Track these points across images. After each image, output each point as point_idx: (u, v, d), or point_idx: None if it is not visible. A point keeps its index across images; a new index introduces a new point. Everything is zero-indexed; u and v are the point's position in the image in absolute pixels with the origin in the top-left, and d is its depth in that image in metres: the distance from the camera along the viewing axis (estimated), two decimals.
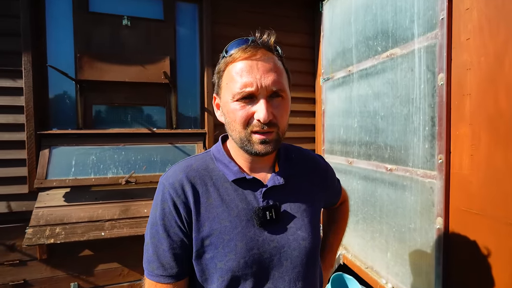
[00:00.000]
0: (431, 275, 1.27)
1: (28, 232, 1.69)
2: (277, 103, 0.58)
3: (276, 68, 0.58)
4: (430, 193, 1.27)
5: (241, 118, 0.57)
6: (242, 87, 0.55)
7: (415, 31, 1.32)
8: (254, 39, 0.58)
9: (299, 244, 0.62)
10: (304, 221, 0.64)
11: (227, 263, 0.57)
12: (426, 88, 1.27)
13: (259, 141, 0.57)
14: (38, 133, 1.86)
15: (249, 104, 0.57)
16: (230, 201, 0.61)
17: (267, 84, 0.55)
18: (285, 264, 0.60)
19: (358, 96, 1.82)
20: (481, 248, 1.07)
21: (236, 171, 0.63)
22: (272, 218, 0.60)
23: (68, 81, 1.99)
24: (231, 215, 0.60)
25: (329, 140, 2.23)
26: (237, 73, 0.56)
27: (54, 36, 1.98)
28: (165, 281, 0.58)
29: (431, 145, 1.26)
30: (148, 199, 1.99)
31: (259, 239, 0.59)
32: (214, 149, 0.69)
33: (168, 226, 0.58)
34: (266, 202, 0.62)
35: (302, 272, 0.62)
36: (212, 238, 0.58)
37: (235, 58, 0.57)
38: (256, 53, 0.56)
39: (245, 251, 0.57)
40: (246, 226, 0.59)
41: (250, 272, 0.57)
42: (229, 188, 0.62)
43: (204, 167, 0.64)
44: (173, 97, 2.20)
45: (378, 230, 1.65)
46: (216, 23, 2.22)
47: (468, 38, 1.08)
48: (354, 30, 1.84)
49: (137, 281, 2.05)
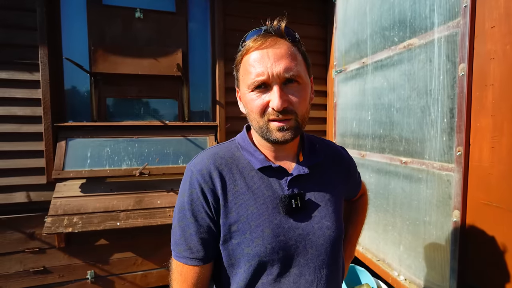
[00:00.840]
0: (445, 268, 1.26)
1: (47, 221, 1.75)
2: (293, 89, 0.57)
3: (288, 54, 0.57)
4: (447, 186, 1.25)
5: (257, 107, 0.58)
6: (255, 77, 0.56)
7: (435, 20, 1.29)
8: (266, 28, 0.58)
9: (324, 233, 0.62)
10: (329, 210, 0.65)
11: (255, 248, 0.58)
12: (446, 79, 1.24)
13: (277, 129, 0.58)
14: (55, 125, 1.90)
15: (264, 93, 0.57)
16: (257, 188, 0.62)
17: (279, 72, 0.55)
18: (310, 251, 0.61)
19: (372, 88, 1.80)
20: (500, 242, 1.05)
21: (262, 159, 0.64)
22: (297, 206, 0.60)
23: (83, 74, 2.02)
24: (257, 202, 0.60)
25: (341, 133, 2.21)
26: (250, 64, 0.57)
27: (69, 30, 2.00)
28: (191, 263, 0.60)
29: (449, 137, 1.24)
30: (161, 190, 2.02)
31: (285, 226, 0.60)
32: (239, 137, 0.69)
33: (195, 211, 0.60)
34: (292, 190, 0.63)
35: (326, 260, 0.62)
36: (239, 224, 0.59)
37: (248, 50, 0.58)
38: (266, 41, 0.56)
39: (272, 237, 0.58)
40: (272, 213, 0.60)
41: (276, 257, 0.59)
42: (255, 176, 0.63)
43: (230, 155, 0.65)
44: (185, 90, 2.22)
45: (391, 223, 1.64)
46: (228, 16, 2.21)
47: (493, 26, 1.05)
48: (369, 20, 1.80)
49: (151, 270, 2.11)
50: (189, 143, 2.15)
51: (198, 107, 2.30)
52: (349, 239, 0.91)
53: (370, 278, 1.75)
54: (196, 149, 2.14)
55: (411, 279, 1.48)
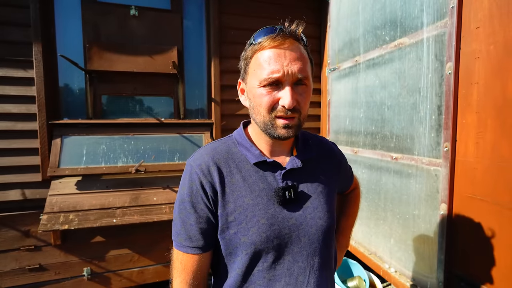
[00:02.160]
0: (433, 259, 1.32)
1: (43, 219, 1.76)
2: (301, 90, 0.61)
3: (302, 57, 0.61)
4: (435, 180, 1.30)
5: (266, 103, 0.60)
6: (270, 74, 0.58)
7: (424, 20, 1.33)
8: (282, 28, 0.61)
9: (316, 223, 0.66)
10: (321, 202, 0.68)
11: (251, 237, 0.61)
12: (434, 78, 1.29)
13: (282, 126, 0.61)
14: (49, 122, 1.90)
15: (275, 91, 0.60)
16: (252, 181, 0.65)
17: (293, 71, 0.58)
18: (303, 240, 0.65)
19: (364, 86, 1.84)
20: (484, 233, 1.11)
21: (257, 154, 0.67)
22: (291, 198, 0.64)
23: (78, 72, 2.01)
24: (253, 194, 0.64)
25: (334, 130, 2.25)
26: (265, 60, 0.59)
27: (63, 27, 1.99)
28: (191, 251, 0.63)
29: (437, 134, 1.29)
30: (157, 187, 2.04)
31: (279, 216, 0.64)
32: (236, 134, 0.73)
33: (195, 202, 0.63)
34: (285, 183, 0.66)
35: (318, 248, 0.66)
36: (236, 214, 0.63)
37: (263, 46, 0.60)
38: (284, 42, 0.59)
39: (266, 226, 0.62)
40: (267, 205, 0.64)
41: (271, 245, 0.62)
42: (251, 170, 0.67)
43: (227, 150, 0.69)
44: (180, 88, 2.23)
45: (382, 217, 1.69)
46: (223, 13, 2.22)
47: (478, 26, 1.09)
48: (362, 19, 1.84)
49: (147, 266, 2.13)
50: (185, 141, 2.16)
51: (194, 104, 2.31)
52: (342, 230, 0.95)
53: (362, 271, 1.80)
54: (192, 146, 2.16)
55: (401, 271, 1.53)
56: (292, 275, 0.64)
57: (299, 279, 0.64)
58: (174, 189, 2.05)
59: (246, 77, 0.66)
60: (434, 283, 1.31)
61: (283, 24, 0.62)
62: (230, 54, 2.26)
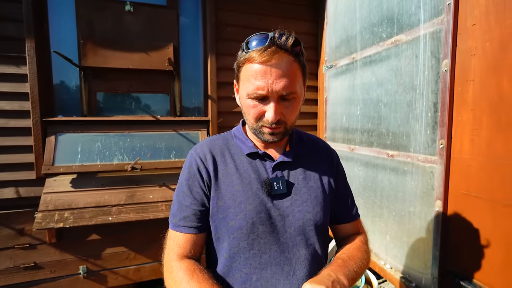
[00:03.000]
0: (428, 256, 1.33)
1: (38, 217, 1.74)
2: (287, 103, 0.64)
3: (289, 73, 0.61)
4: (430, 177, 1.31)
5: (253, 114, 0.65)
6: (255, 89, 0.61)
7: (421, 17, 1.33)
8: (273, 38, 0.60)
9: (304, 216, 0.68)
10: (310, 196, 0.70)
11: (237, 222, 0.65)
12: (430, 75, 1.29)
13: (268, 133, 0.66)
14: (43, 119, 1.87)
15: (261, 103, 0.64)
16: (244, 171, 0.70)
17: (278, 89, 0.60)
18: (289, 231, 0.67)
19: (361, 83, 1.84)
20: (478, 229, 1.11)
21: (251, 146, 0.73)
22: (279, 189, 0.67)
23: (72, 68, 1.99)
24: (243, 182, 0.68)
25: (331, 127, 2.25)
26: (252, 75, 0.62)
27: (57, 22, 1.96)
28: (185, 231, 0.67)
29: (433, 131, 1.29)
30: (153, 185, 2.03)
31: (267, 205, 0.67)
32: (235, 129, 0.80)
33: (191, 186, 0.69)
34: (275, 174, 0.70)
35: (304, 240, 0.67)
36: (226, 199, 0.67)
37: (253, 59, 0.61)
38: (272, 58, 0.59)
39: (253, 214, 0.65)
40: (256, 193, 0.67)
41: (257, 232, 0.65)
42: (244, 160, 0.72)
43: (225, 142, 0.75)
44: (176, 85, 2.21)
45: (378, 214, 1.70)
46: (219, 10, 2.20)
47: (474, 23, 1.09)
48: (359, 16, 1.83)
49: (144, 264, 2.12)
50: (181, 138, 2.15)
51: (190, 101, 2.30)
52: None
53: None
54: (188, 143, 2.15)
55: (397, 267, 1.55)
56: (279, 265, 0.65)
57: (285, 269, 0.66)
58: (170, 186, 2.04)
59: (238, 82, 0.70)
60: (428, 279, 1.32)
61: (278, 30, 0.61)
62: (227, 51, 2.24)
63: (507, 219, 1.01)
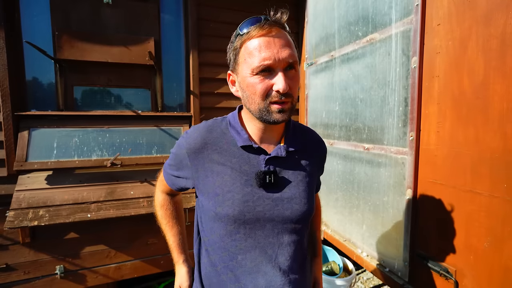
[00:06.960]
0: (400, 242, 1.42)
1: (10, 215, 1.66)
2: (291, 75, 0.64)
3: (289, 44, 0.63)
4: (402, 168, 1.39)
5: (261, 90, 0.62)
6: (261, 61, 0.60)
7: (393, 16, 1.41)
8: (267, 17, 0.63)
9: (292, 206, 0.70)
10: (300, 189, 0.72)
11: (224, 209, 0.67)
12: (401, 71, 1.37)
13: (277, 110, 0.63)
14: (15, 114, 1.79)
15: (267, 78, 0.62)
16: (236, 162, 0.70)
17: (284, 57, 0.61)
18: (276, 219, 0.69)
19: (339, 80, 1.91)
20: (443, 214, 1.21)
21: (245, 138, 0.71)
22: (270, 182, 0.68)
23: (47, 61, 1.91)
24: (233, 173, 0.69)
25: (312, 123, 2.32)
26: (255, 48, 0.61)
27: (29, 12, 1.87)
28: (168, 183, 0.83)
29: (404, 124, 1.38)
30: (135, 181, 2.00)
31: (255, 195, 0.69)
32: (231, 115, 0.78)
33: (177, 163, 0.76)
34: (268, 167, 0.70)
35: (289, 229, 0.71)
36: (215, 187, 0.69)
37: (252, 35, 0.61)
38: (272, 30, 0.61)
39: (241, 202, 0.67)
40: (245, 184, 0.69)
41: (243, 219, 0.67)
42: (236, 151, 0.71)
43: (219, 131, 0.74)
44: (158, 80, 2.18)
45: (355, 205, 1.78)
46: (201, 5, 2.19)
47: (439, 23, 1.18)
48: (337, 15, 1.90)
49: (125, 262, 2.08)
50: (163, 133, 2.13)
51: (172, 97, 2.28)
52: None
53: (336, 256, 1.89)
54: (170, 139, 2.13)
55: (372, 255, 1.63)
56: (262, 248, 0.69)
57: (268, 252, 0.69)
58: (152, 182, 2.02)
59: (236, 67, 0.67)
60: (400, 264, 1.41)
61: (268, 14, 0.64)
62: (209, 47, 2.24)
63: (467, 204, 1.10)
